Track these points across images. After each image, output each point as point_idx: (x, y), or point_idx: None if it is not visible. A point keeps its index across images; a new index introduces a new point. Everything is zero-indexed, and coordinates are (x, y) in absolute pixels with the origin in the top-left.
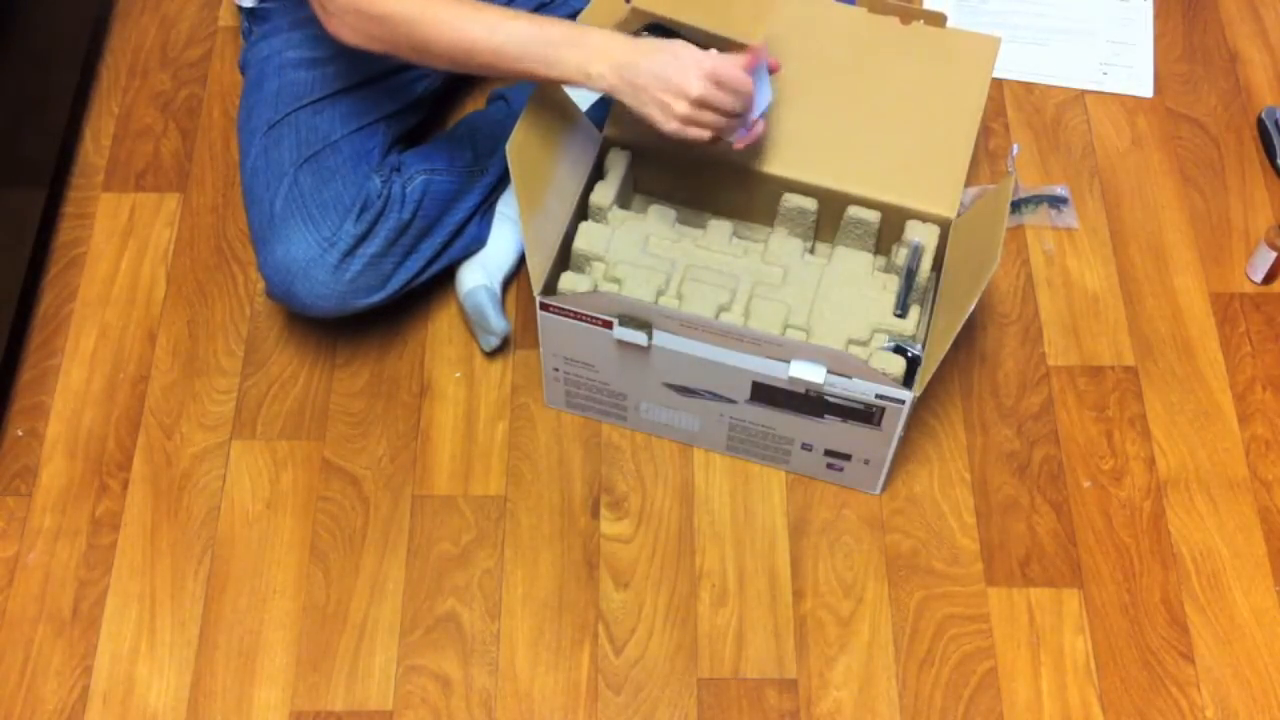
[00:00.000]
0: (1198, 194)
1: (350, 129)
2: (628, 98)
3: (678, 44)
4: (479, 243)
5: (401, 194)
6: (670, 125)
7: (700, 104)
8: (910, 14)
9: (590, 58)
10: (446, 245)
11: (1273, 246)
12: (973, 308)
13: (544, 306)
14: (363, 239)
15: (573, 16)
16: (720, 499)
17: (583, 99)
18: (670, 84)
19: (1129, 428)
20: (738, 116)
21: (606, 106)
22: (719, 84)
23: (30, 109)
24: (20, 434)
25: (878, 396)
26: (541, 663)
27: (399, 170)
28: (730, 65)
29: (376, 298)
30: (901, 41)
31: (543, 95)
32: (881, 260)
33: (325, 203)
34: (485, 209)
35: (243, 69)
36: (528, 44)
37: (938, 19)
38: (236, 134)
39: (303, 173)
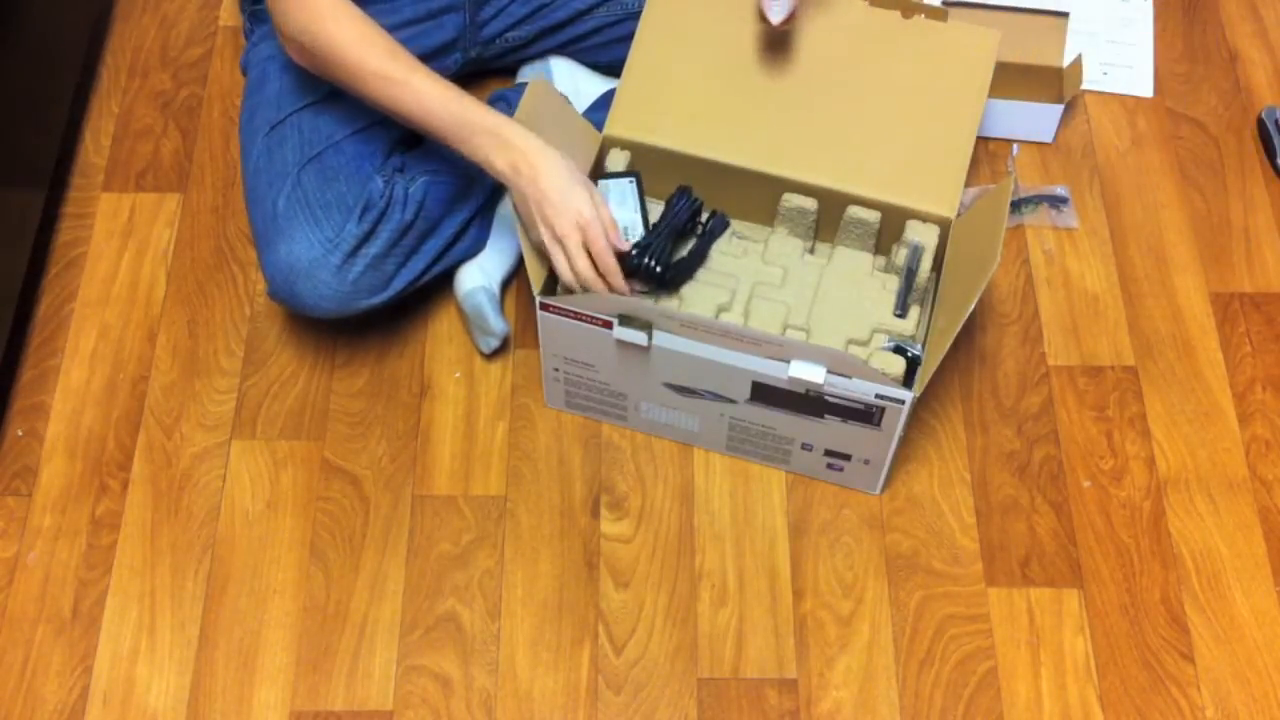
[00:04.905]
0: (1198, 194)
1: (353, 129)
2: (515, 197)
3: (578, 179)
4: (480, 245)
5: (404, 195)
6: (533, 236)
7: (558, 241)
8: (911, 8)
9: (495, 148)
10: (449, 247)
11: None
12: (973, 308)
13: (544, 306)
14: (365, 239)
15: (574, 17)
16: (720, 499)
17: (580, 100)
18: (548, 210)
19: (1129, 428)
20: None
21: (606, 107)
22: (588, 245)
23: (30, 109)
24: (20, 434)
25: (878, 396)
26: (541, 663)
27: (401, 171)
28: (602, 242)
29: (379, 299)
30: (902, 36)
31: (541, 96)
32: (881, 260)
33: (329, 203)
34: (488, 211)
35: (244, 70)
36: (447, 125)
37: (939, 14)
38: (239, 135)
39: (306, 173)
